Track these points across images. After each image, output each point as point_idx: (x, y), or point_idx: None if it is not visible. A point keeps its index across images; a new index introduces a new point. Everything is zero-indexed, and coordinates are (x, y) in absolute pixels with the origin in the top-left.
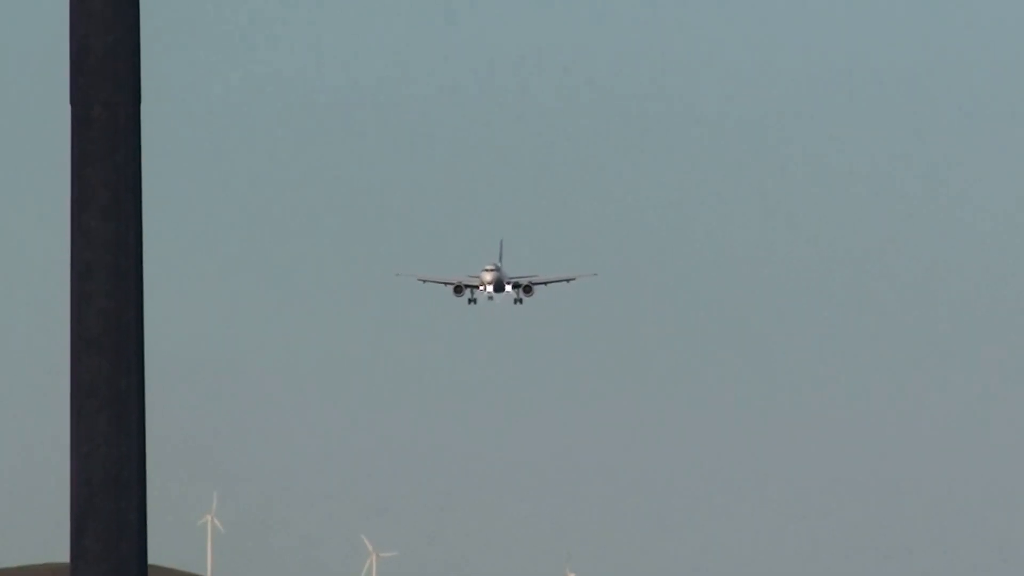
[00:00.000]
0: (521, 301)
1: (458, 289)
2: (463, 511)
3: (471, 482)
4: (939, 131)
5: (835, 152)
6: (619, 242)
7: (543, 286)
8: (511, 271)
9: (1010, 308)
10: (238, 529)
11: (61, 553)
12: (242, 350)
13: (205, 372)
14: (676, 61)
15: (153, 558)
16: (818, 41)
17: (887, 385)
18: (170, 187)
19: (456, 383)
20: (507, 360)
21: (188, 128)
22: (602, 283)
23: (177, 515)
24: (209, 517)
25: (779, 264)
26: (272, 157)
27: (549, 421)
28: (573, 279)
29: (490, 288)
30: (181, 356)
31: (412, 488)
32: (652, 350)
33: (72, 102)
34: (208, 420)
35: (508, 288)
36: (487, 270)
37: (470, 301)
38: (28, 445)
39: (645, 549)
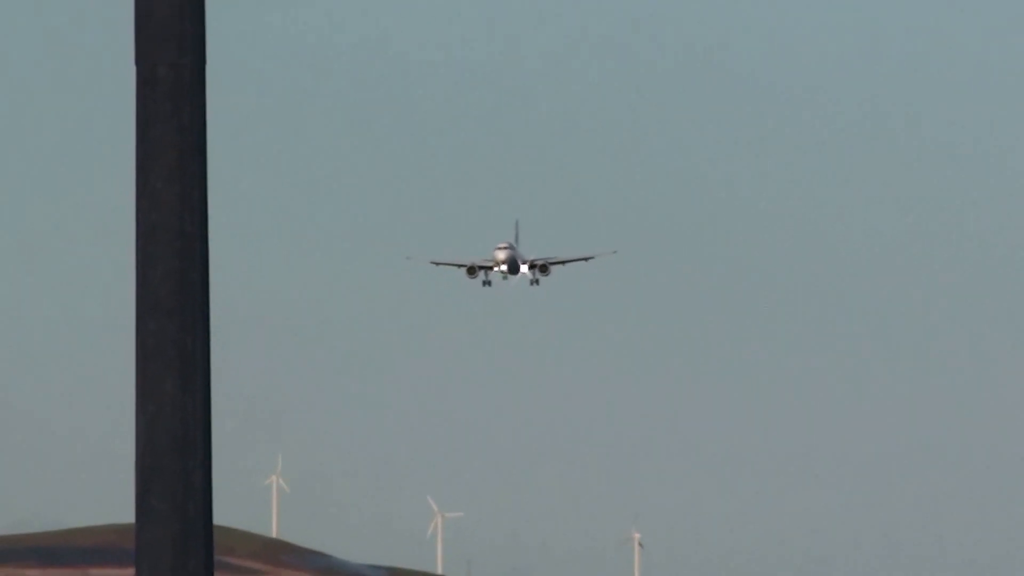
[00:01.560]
0: (538, 282)
1: (471, 271)
2: (528, 474)
3: (536, 447)
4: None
5: (851, 124)
6: (639, 219)
7: (560, 266)
8: (528, 253)
9: None
10: (303, 489)
11: (126, 514)
12: (309, 312)
13: (272, 334)
14: (695, 35)
15: (219, 519)
16: (843, 15)
17: (911, 357)
18: (233, 150)
19: (505, 353)
20: (546, 337)
21: (250, 90)
22: (622, 261)
23: (243, 476)
24: (274, 478)
25: (801, 240)
26: (324, 121)
27: (598, 389)
28: (592, 257)
29: (504, 267)
30: (247, 318)
31: (477, 451)
32: (675, 327)
33: (137, 62)
34: (274, 381)
35: (524, 269)
36: (500, 248)
37: (485, 283)
38: (93, 407)
39: (706, 513)
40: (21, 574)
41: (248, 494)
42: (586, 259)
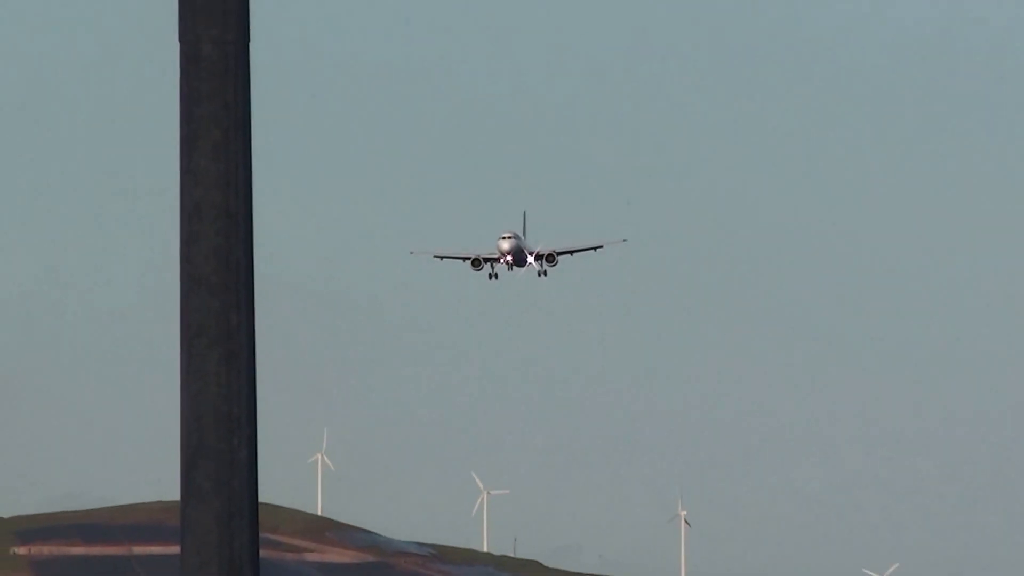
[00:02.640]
0: (545, 274)
1: (476, 263)
2: (574, 452)
3: (582, 427)
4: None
5: (860, 118)
6: (650, 207)
7: (569, 256)
8: (536, 244)
9: None
10: (348, 467)
11: (171, 492)
12: (353, 290)
13: (317, 312)
14: (707, 27)
15: (264, 496)
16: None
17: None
18: (276, 125)
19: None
20: (578, 316)
21: (292, 67)
22: (632, 250)
23: (288, 453)
24: (319, 455)
25: (811, 232)
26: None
27: (633, 370)
28: (601, 247)
29: (508, 258)
30: (293, 295)
31: (522, 429)
32: (688, 317)
33: (181, 40)
34: (319, 359)
35: (531, 260)
36: (504, 238)
37: (491, 276)
38: (138, 384)
39: (750, 488)
40: (66, 551)
41: (294, 472)
42: (595, 248)
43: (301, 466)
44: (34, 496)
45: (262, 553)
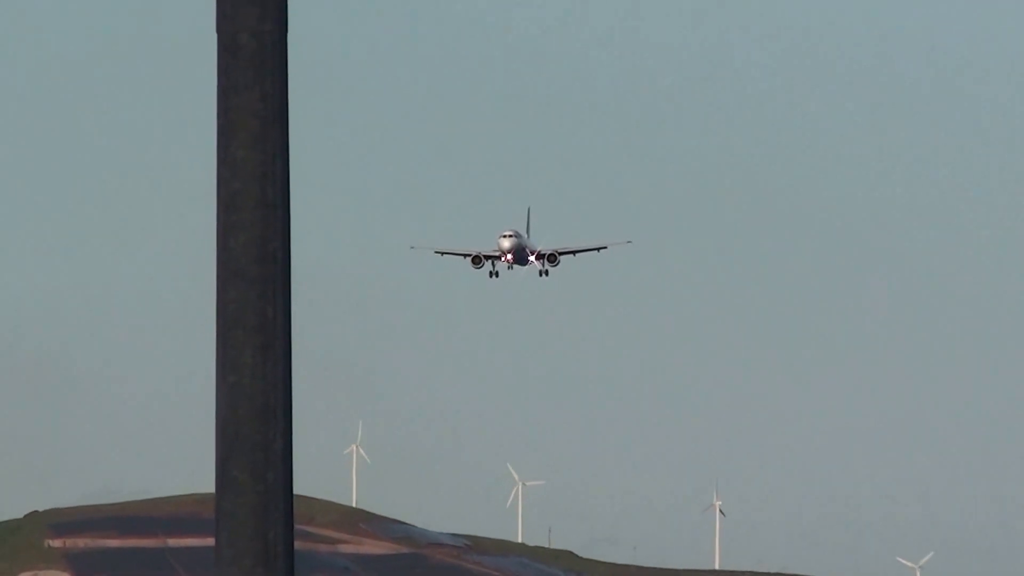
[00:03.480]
0: (547, 273)
1: (476, 260)
2: (609, 442)
3: (617, 416)
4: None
5: (863, 117)
6: (655, 208)
7: (572, 256)
8: (539, 242)
9: None
10: (383, 459)
11: (206, 484)
12: (388, 280)
13: (352, 303)
14: (710, 27)
15: (299, 488)
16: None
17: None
18: (314, 116)
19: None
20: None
21: (332, 59)
22: (637, 251)
23: (323, 445)
24: (354, 447)
25: (818, 231)
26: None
27: (668, 362)
28: (605, 248)
29: (509, 257)
30: (328, 286)
31: (557, 420)
32: (693, 320)
33: (218, 30)
34: (354, 351)
35: (532, 259)
36: (504, 236)
37: (492, 274)
38: (174, 376)
39: (786, 476)
40: (101, 544)
41: (328, 463)
42: (599, 249)
43: (336, 458)
44: (70, 490)
45: (297, 545)
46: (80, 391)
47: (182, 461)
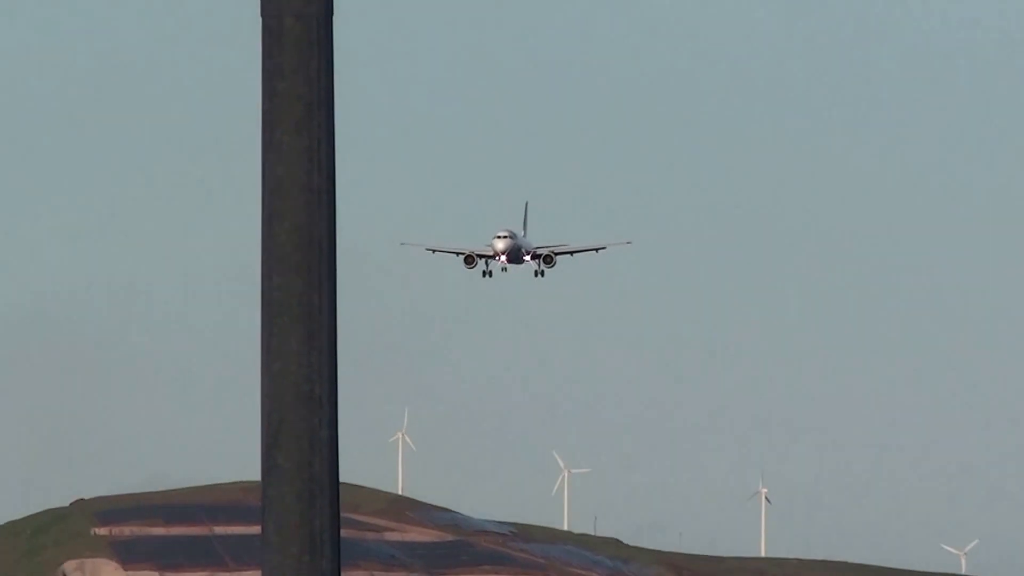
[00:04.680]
0: (543, 273)
1: (469, 259)
2: (654, 430)
3: (663, 405)
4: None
5: (856, 119)
6: (656, 208)
7: (569, 256)
8: (536, 240)
9: None
10: (429, 446)
11: (252, 471)
12: (429, 270)
13: (397, 290)
14: (709, 27)
15: (344, 475)
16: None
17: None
18: (360, 100)
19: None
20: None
21: (378, 41)
22: (636, 252)
23: (369, 432)
24: (400, 434)
25: (824, 233)
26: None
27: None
28: (604, 248)
29: (503, 258)
30: (373, 275)
31: (603, 408)
32: (693, 322)
33: (263, 14)
34: (399, 339)
35: (528, 259)
36: (499, 237)
37: (485, 274)
38: (220, 364)
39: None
40: (147, 532)
41: (374, 451)
42: (598, 249)
43: (382, 445)
44: (116, 478)
45: (343, 532)
46: (126, 379)
47: (228, 449)
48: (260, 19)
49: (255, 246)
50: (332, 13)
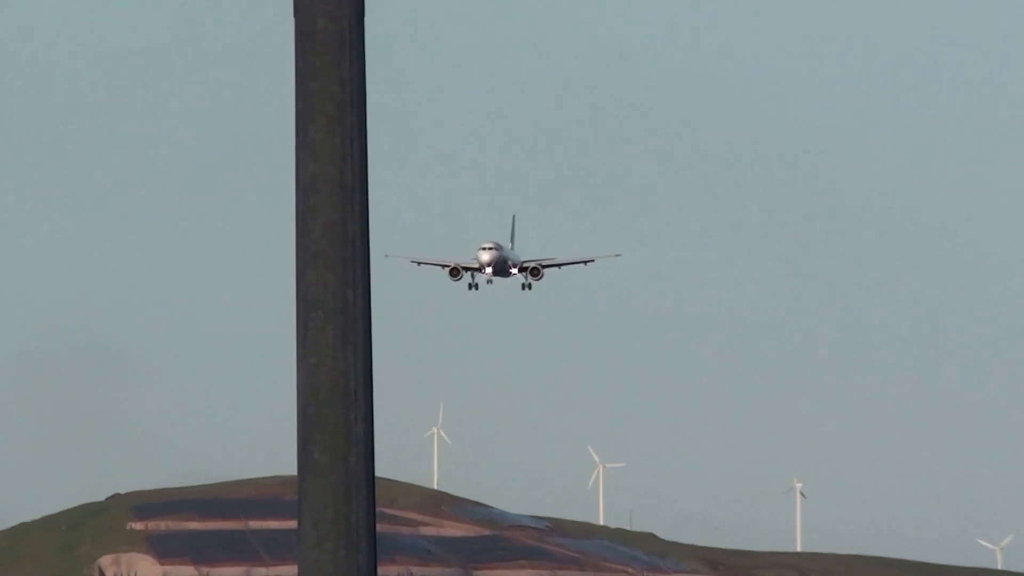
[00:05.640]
0: (530, 287)
1: (455, 272)
2: (689, 426)
3: (697, 401)
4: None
5: (857, 128)
6: (645, 220)
7: (557, 269)
8: (523, 253)
9: None
10: (464, 441)
11: (288, 466)
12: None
13: (430, 286)
14: (702, 39)
15: (380, 470)
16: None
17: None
18: (391, 100)
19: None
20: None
21: (409, 40)
22: (625, 264)
23: (404, 427)
24: (435, 429)
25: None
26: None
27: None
28: (592, 261)
29: (488, 270)
30: (404, 269)
31: (638, 402)
32: (684, 335)
33: (296, 14)
34: (434, 333)
35: (515, 272)
36: (484, 248)
37: (471, 286)
38: (255, 359)
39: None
40: (183, 526)
41: (410, 446)
42: (587, 262)
43: (417, 440)
44: (152, 473)
45: (378, 527)
46: (163, 374)
47: (264, 444)
48: (293, 20)
49: (290, 242)
50: (364, 13)
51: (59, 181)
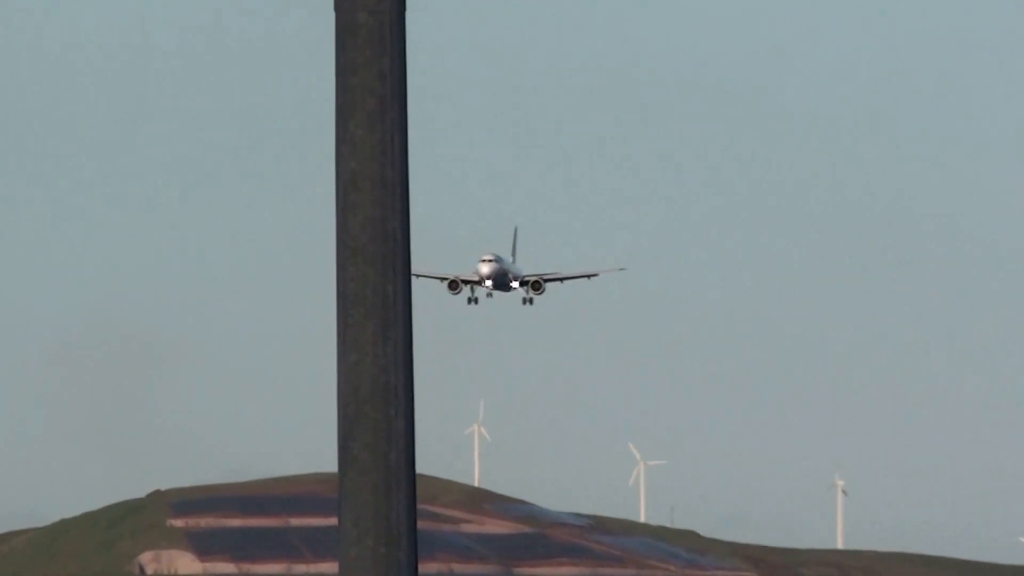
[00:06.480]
0: (531, 301)
1: (453, 285)
2: (730, 423)
3: (739, 398)
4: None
5: (863, 137)
6: (649, 234)
7: (560, 283)
8: (525, 266)
9: None
10: (505, 438)
11: (328, 463)
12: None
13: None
14: (705, 53)
15: (421, 467)
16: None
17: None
18: (433, 94)
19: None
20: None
21: (450, 35)
22: (630, 279)
23: (445, 424)
24: (476, 426)
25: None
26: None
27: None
28: (596, 275)
29: (488, 283)
30: (468, 257)
31: (680, 399)
32: (692, 347)
33: (336, 9)
34: (473, 329)
35: (515, 285)
36: (484, 261)
37: (470, 300)
38: (295, 356)
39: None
40: (223, 523)
41: (450, 443)
42: (590, 276)
43: (458, 437)
44: (192, 470)
45: (419, 524)
46: (203, 371)
47: (304, 440)
48: (333, 14)
49: (330, 239)
50: (405, 8)
51: (99, 179)
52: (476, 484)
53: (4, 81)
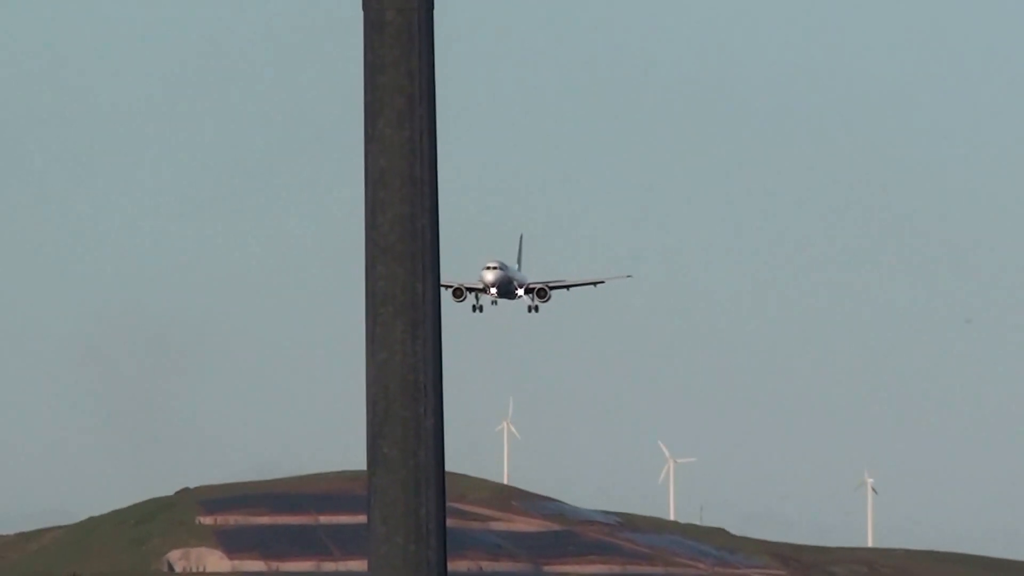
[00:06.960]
0: (537, 309)
1: (458, 293)
2: (759, 422)
3: (768, 397)
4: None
5: (865, 138)
6: (657, 241)
7: (566, 290)
8: (531, 274)
9: None
10: (534, 436)
11: (357, 460)
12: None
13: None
14: (711, 60)
15: (450, 465)
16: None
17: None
18: (459, 93)
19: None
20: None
21: (478, 33)
22: (637, 286)
23: (474, 422)
24: (506, 424)
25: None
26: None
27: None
28: (602, 282)
29: (493, 291)
30: (473, 263)
31: (709, 398)
32: (695, 355)
33: (364, 7)
34: (503, 327)
35: (520, 293)
36: (488, 268)
37: (475, 308)
38: (325, 354)
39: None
40: (252, 521)
41: (480, 440)
42: (596, 283)
43: (487, 435)
44: (221, 468)
45: (448, 522)
46: (232, 370)
47: (333, 438)
48: (362, 13)
49: (359, 237)
50: (433, 6)
51: (131, 180)
52: (505, 482)
53: (41, 81)
